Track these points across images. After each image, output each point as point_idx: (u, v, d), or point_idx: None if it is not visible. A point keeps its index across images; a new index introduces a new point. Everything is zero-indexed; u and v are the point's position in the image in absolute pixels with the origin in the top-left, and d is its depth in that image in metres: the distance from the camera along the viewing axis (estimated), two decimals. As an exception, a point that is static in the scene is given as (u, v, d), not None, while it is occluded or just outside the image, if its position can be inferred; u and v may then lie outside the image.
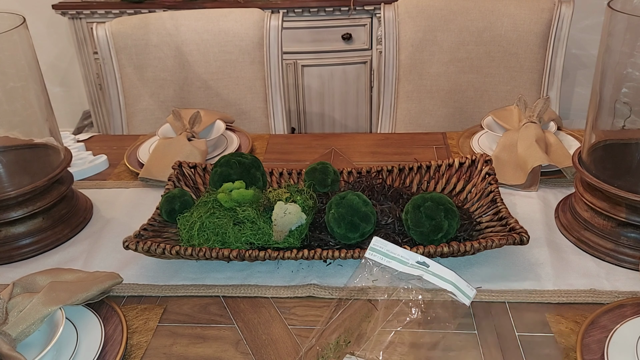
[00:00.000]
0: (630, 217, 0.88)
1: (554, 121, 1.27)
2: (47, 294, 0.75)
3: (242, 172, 1.03)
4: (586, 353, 0.71)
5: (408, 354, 0.75)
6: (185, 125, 1.31)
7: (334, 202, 0.91)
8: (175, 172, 1.09)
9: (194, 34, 1.71)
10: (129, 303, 0.87)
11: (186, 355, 0.77)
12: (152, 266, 0.94)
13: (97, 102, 2.90)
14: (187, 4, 2.61)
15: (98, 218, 1.10)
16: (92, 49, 2.74)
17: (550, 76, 1.68)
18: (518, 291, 0.85)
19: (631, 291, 0.83)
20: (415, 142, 1.36)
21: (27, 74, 0.99)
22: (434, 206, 0.87)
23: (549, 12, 1.62)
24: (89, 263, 0.96)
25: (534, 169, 1.09)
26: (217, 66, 1.73)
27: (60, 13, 2.69)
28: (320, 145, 1.36)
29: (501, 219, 0.92)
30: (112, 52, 1.68)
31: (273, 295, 0.87)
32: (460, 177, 1.06)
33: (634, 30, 0.84)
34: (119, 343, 0.76)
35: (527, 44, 1.65)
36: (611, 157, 0.95)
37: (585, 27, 2.78)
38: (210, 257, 0.87)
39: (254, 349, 0.77)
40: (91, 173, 1.26)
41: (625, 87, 0.88)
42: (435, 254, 0.85)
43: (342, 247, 0.91)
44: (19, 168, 1.03)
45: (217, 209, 0.94)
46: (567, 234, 0.97)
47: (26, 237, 0.99)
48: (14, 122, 1.03)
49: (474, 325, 0.79)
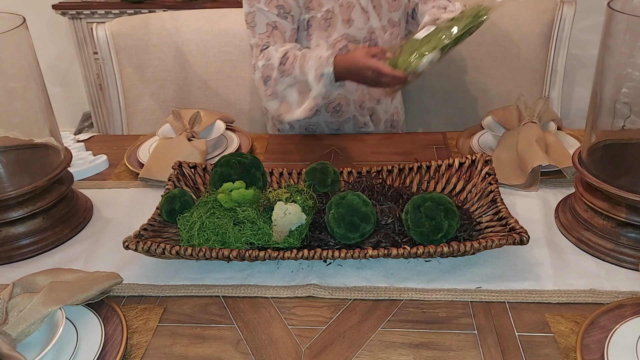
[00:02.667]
0: (630, 217, 0.88)
1: (554, 121, 1.27)
2: (47, 294, 0.75)
3: (242, 172, 1.03)
4: (586, 353, 0.71)
5: (408, 354, 0.75)
6: (185, 125, 1.31)
7: (334, 202, 0.91)
8: (175, 172, 1.09)
9: (194, 34, 1.71)
10: (129, 303, 0.87)
11: (186, 355, 0.77)
12: (152, 266, 0.94)
13: (97, 103, 2.90)
14: (187, 4, 2.61)
15: (98, 218, 1.10)
16: (92, 49, 2.74)
17: (551, 76, 1.68)
18: (518, 291, 0.85)
19: (631, 291, 0.83)
20: (415, 142, 1.36)
21: (27, 74, 0.99)
22: (434, 206, 0.87)
23: (550, 13, 1.62)
24: (89, 263, 0.96)
25: (534, 169, 1.09)
26: (217, 66, 1.73)
27: (60, 13, 2.69)
28: (320, 145, 1.36)
29: (501, 219, 0.92)
30: (112, 52, 1.68)
31: (273, 295, 0.87)
32: (460, 177, 1.06)
33: (634, 30, 0.83)
34: (119, 343, 0.76)
35: (529, 44, 1.65)
36: (611, 157, 0.95)
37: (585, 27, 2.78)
38: (210, 257, 0.87)
39: (254, 349, 0.77)
40: (91, 173, 1.26)
41: (625, 87, 0.88)
42: (435, 254, 0.85)
43: (342, 247, 0.91)
44: (19, 168, 1.03)
45: (217, 209, 0.94)
46: (567, 234, 0.96)
47: (26, 237, 0.99)
48: (14, 122, 1.03)
49: (474, 325, 0.79)
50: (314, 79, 1.16)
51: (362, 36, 1.34)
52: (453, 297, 0.84)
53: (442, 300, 0.84)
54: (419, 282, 0.88)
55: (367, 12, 1.31)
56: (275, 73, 1.21)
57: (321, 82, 1.16)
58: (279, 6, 1.24)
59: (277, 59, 1.20)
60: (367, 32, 1.34)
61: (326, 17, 1.28)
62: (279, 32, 1.24)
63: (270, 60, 1.21)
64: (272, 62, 1.21)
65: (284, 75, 1.20)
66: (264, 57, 1.22)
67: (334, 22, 1.29)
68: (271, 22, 1.24)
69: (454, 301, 0.84)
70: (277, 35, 1.25)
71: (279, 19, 1.24)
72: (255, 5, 1.24)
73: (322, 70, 1.15)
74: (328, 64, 1.15)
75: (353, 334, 0.79)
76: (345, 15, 1.29)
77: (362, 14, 1.31)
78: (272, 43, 1.23)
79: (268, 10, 1.23)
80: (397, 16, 1.37)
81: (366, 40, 1.34)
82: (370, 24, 1.32)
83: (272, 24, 1.24)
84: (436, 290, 0.86)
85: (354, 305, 0.84)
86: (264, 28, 1.24)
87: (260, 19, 1.24)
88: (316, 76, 1.16)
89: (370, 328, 0.80)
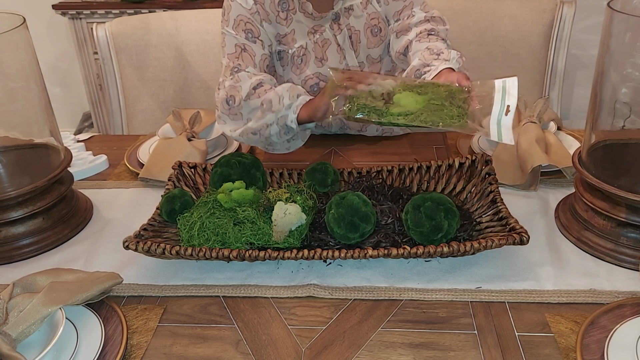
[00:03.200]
0: (630, 217, 0.88)
1: (554, 121, 1.27)
2: (47, 294, 0.75)
3: (242, 172, 1.03)
4: (586, 353, 0.71)
5: (408, 354, 0.75)
6: (185, 125, 1.31)
7: (334, 202, 0.91)
8: (175, 172, 1.09)
9: (194, 35, 1.71)
10: (129, 303, 0.87)
11: (186, 355, 0.77)
12: (152, 266, 0.94)
13: (97, 103, 2.91)
14: (187, 4, 2.61)
15: (98, 218, 1.10)
16: (92, 49, 2.74)
17: (551, 76, 1.68)
18: (518, 291, 0.85)
19: (631, 291, 0.83)
20: (415, 142, 1.36)
21: (27, 74, 0.99)
22: (434, 206, 0.87)
23: (550, 13, 1.62)
24: (89, 263, 0.96)
25: (534, 169, 1.09)
26: (217, 66, 1.73)
27: (60, 13, 2.69)
28: (320, 145, 1.36)
29: (501, 219, 0.92)
30: (112, 52, 1.68)
31: (273, 295, 0.87)
32: (460, 177, 1.06)
33: (634, 30, 0.83)
34: (119, 343, 0.76)
35: (529, 45, 1.65)
36: (611, 157, 0.95)
37: (585, 27, 2.78)
38: (210, 257, 0.87)
39: (254, 349, 0.77)
40: (91, 173, 1.26)
41: (625, 87, 0.88)
42: (435, 254, 0.85)
43: (342, 247, 0.91)
44: (19, 168, 1.03)
45: (217, 209, 0.94)
46: (567, 234, 0.96)
47: (26, 237, 0.99)
48: (14, 122, 1.03)
49: (474, 325, 0.79)
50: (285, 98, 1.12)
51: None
52: (453, 297, 0.84)
53: (442, 300, 0.84)
54: (419, 282, 0.88)
55: (343, 50, 1.26)
56: (242, 95, 1.16)
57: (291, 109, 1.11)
58: (247, 30, 1.20)
59: (249, 84, 1.16)
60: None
61: (299, 53, 1.25)
62: (248, 54, 1.21)
63: (240, 82, 1.17)
64: (241, 84, 1.17)
65: (250, 99, 1.16)
66: (233, 78, 1.19)
67: (306, 59, 1.25)
68: (240, 44, 1.20)
69: (454, 301, 0.84)
70: (246, 58, 1.20)
71: (247, 42, 1.21)
72: (225, 28, 1.22)
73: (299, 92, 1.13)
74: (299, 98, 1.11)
75: (353, 334, 0.79)
76: (318, 54, 1.26)
77: (337, 52, 1.26)
78: (243, 67, 1.20)
79: (236, 34, 1.20)
80: (376, 52, 1.30)
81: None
82: (345, 62, 1.28)
83: (241, 46, 1.20)
84: (436, 290, 0.86)
85: (354, 305, 0.84)
86: (232, 49, 1.21)
87: (229, 40, 1.21)
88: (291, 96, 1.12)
89: (370, 328, 0.80)
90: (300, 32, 1.24)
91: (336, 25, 1.25)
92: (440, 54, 1.16)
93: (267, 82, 1.18)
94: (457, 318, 0.81)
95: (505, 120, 0.92)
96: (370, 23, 1.27)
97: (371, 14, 1.27)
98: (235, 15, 1.21)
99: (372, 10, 1.27)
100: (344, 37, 1.26)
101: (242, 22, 1.21)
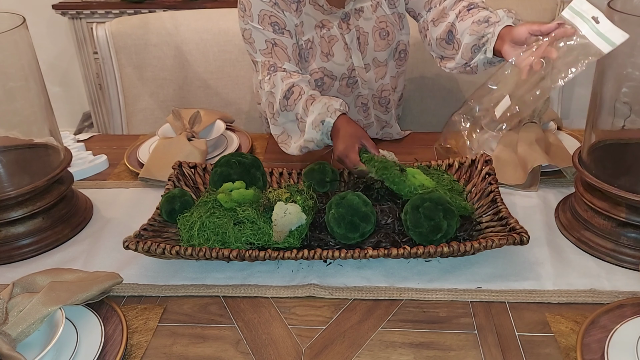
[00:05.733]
0: (630, 217, 0.88)
1: (554, 121, 1.27)
2: (47, 294, 0.75)
3: (242, 172, 1.03)
4: (586, 353, 0.71)
5: (408, 353, 0.75)
6: (185, 125, 1.31)
7: (334, 202, 0.91)
8: (175, 172, 1.09)
9: (193, 34, 1.71)
10: (129, 303, 0.87)
11: (186, 355, 0.77)
12: (152, 266, 0.94)
13: (97, 102, 2.90)
14: (187, 4, 2.61)
15: (98, 218, 1.10)
16: (92, 48, 2.74)
17: (551, 76, 1.67)
18: (518, 291, 0.85)
19: (631, 291, 0.83)
20: (415, 142, 1.36)
21: (27, 73, 0.99)
22: (433, 206, 0.87)
23: (550, 13, 1.62)
24: (89, 263, 0.96)
25: (534, 169, 1.09)
26: (216, 66, 1.73)
27: (60, 13, 2.69)
28: (320, 145, 1.35)
29: (501, 219, 0.92)
30: (112, 52, 1.68)
31: (273, 295, 0.87)
32: (460, 177, 1.06)
33: (634, 30, 0.83)
34: (119, 343, 0.76)
35: (528, 44, 1.65)
36: (611, 157, 0.95)
37: (585, 27, 2.77)
38: (210, 257, 0.87)
39: (254, 349, 0.77)
40: (91, 173, 1.26)
41: (625, 87, 0.88)
42: (435, 254, 0.85)
43: (342, 247, 0.91)
44: (19, 168, 1.03)
45: (217, 209, 0.94)
46: (567, 234, 0.96)
47: (26, 237, 0.99)
48: (13, 122, 1.03)
49: (474, 325, 0.79)
50: (312, 122, 1.12)
51: (341, 72, 1.28)
52: (453, 297, 0.84)
53: (442, 300, 0.84)
54: (419, 282, 0.88)
55: (350, 49, 1.26)
56: (277, 105, 1.17)
57: (317, 128, 1.11)
58: (273, 23, 1.19)
59: (281, 91, 1.15)
60: (346, 69, 1.27)
61: (306, 47, 1.24)
62: (280, 49, 1.20)
63: (274, 89, 1.17)
64: (275, 91, 1.17)
65: (286, 110, 1.16)
66: (270, 81, 1.18)
67: (313, 52, 1.25)
68: (269, 39, 1.19)
69: (454, 301, 0.84)
70: (279, 53, 1.20)
71: (277, 35, 1.20)
72: (250, 23, 1.20)
73: (324, 117, 1.10)
74: (333, 115, 1.10)
75: (353, 334, 0.79)
76: (324, 48, 1.25)
77: (343, 50, 1.26)
78: (280, 64, 1.19)
79: (263, 29, 1.19)
80: (383, 56, 1.30)
81: (345, 77, 1.28)
82: (351, 61, 1.27)
83: (271, 41, 1.19)
84: (436, 290, 0.86)
85: (354, 305, 0.84)
86: (263, 44, 1.20)
87: (257, 36, 1.20)
88: (315, 120, 1.11)
89: (371, 328, 0.80)
90: (308, 25, 1.24)
91: (345, 25, 1.25)
92: (489, 19, 1.11)
93: (298, 83, 1.17)
94: (458, 318, 0.81)
95: (602, 26, 0.88)
96: (379, 26, 1.27)
97: (380, 17, 1.27)
98: (257, 11, 1.20)
99: (381, 13, 1.27)
100: (352, 37, 1.26)
101: (266, 17, 1.20)
